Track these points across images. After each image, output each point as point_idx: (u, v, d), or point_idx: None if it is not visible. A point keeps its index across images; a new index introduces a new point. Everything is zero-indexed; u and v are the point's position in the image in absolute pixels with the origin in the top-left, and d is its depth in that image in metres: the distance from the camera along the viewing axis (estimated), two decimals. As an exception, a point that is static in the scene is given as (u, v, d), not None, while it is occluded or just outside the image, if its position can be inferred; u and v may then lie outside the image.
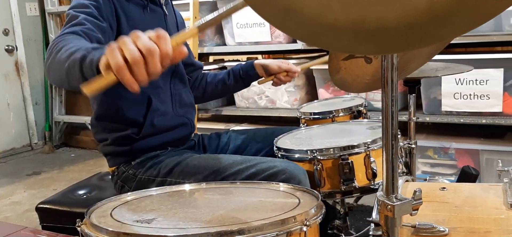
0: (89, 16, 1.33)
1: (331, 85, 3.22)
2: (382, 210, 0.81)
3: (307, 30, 0.72)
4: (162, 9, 1.62)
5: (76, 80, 1.05)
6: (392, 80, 0.77)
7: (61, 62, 1.10)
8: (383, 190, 0.82)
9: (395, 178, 0.80)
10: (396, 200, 0.80)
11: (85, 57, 1.02)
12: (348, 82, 1.11)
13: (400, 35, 0.67)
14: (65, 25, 1.31)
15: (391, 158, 0.80)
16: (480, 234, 1.04)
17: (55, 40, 1.22)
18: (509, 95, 2.68)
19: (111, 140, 1.54)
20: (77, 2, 1.39)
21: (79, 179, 3.73)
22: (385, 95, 0.78)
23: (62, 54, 1.11)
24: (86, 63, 1.02)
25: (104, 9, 1.39)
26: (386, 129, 0.79)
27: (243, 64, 1.85)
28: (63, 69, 1.09)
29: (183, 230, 0.85)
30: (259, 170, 1.35)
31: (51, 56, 1.17)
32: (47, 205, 1.72)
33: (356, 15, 0.68)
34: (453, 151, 2.88)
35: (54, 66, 1.14)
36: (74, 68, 1.04)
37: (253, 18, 3.35)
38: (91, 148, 4.64)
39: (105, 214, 0.99)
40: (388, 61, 0.77)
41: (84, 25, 1.29)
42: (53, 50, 1.18)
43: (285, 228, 0.86)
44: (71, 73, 1.06)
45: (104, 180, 1.98)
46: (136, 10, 1.50)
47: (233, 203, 1.02)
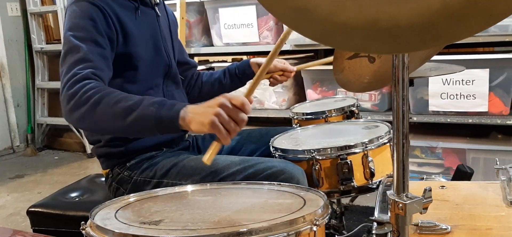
0: (91, 46, 1.34)
1: (319, 86, 3.24)
2: (393, 209, 0.82)
3: (319, 29, 0.72)
4: (154, 10, 1.60)
5: (143, 133, 1.32)
6: (403, 79, 0.78)
7: (111, 116, 1.22)
8: (394, 189, 0.82)
9: (406, 176, 0.81)
10: (407, 199, 0.81)
11: (159, 114, 1.19)
12: (350, 82, 1.12)
13: (413, 34, 0.67)
14: (69, 55, 1.32)
15: (402, 157, 0.80)
16: (482, 231, 1.06)
17: (76, 86, 1.25)
18: (495, 95, 2.73)
19: (104, 141, 1.52)
20: (73, 22, 1.37)
21: (64, 181, 3.71)
22: (396, 94, 0.79)
23: (107, 107, 1.22)
24: (163, 120, 1.19)
25: (100, 24, 1.38)
26: (397, 128, 0.80)
27: (239, 63, 1.84)
28: (118, 124, 1.22)
29: (194, 232, 0.84)
30: (257, 170, 1.34)
31: (83, 106, 1.23)
32: (38, 209, 1.68)
33: (369, 14, 0.69)
34: (440, 150, 2.92)
35: (97, 118, 1.23)
36: (143, 123, 1.20)
37: (240, 18, 3.35)
38: (75, 150, 4.58)
39: (109, 216, 0.97)
40: (399, 60, 0.78)
41: (92, 61, 1.31)
42: (81, 98, 1.23)
43: (295, 228, 0.86)
44: (137, 128, 1.22)
45: (95, 182, 1.95)
46: (127, 14, 1.48)
47: (239, 204, 1.02)
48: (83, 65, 1.30)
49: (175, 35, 1.72)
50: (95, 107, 1.22)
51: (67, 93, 1.27)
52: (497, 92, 2.72)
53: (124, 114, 1.20)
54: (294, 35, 3.18)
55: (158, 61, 1.56)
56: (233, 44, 3.44)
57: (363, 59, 1.01)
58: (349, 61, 1.01)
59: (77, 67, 1.29)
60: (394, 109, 0.80)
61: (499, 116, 2.72)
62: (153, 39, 1.55)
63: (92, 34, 1.35)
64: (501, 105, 2.73)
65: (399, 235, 0.82)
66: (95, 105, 1.22)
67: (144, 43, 1.51)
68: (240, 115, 1.15)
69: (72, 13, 1.38)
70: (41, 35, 4.62)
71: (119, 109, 1.21)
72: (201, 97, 1.87)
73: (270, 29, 3.28)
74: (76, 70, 1.29)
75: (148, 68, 1.52)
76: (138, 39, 1.48)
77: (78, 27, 1.35)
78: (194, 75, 1.87)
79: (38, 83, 4.67)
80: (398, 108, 0.79)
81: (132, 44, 1.46)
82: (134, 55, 1.47)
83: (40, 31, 4.61)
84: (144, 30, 1.52)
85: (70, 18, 1.38)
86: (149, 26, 1.56)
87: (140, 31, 1.50)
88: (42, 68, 4.68)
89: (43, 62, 4.68)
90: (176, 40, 1.73)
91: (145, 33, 1.52)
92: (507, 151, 2.73)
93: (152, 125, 1.19)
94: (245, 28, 3.34)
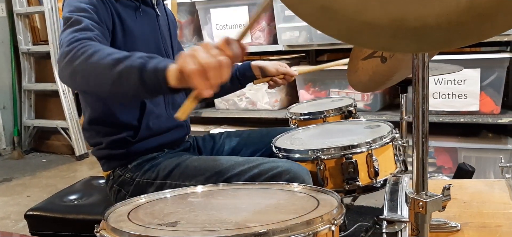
0: (93, 22, 1.31)
1: (312, 86, 3.25)
2: (412, 207, 0.82)
3: (345, 28, 0.72)
4: (154, 10, 1.59)
5: (129, 87, 1.10)
6: (423, 78, 0.78)
7: (101, 67, 1.12)
8: (413, 187, 0.83)
9: (425, 175, 0.81)
10: (427, 197, 0.81)
11: (144, 65, 1.06)
12: (362, 82, 1.12)
13: (441, 33, 0.67)
14: (70, 28, 1.27)
15: (422, 156, 0.81)
16: (491, 228, 1.07)
17: (74, 43, 1.19)
18: (486, 95, 2.77)
19: (105, 143, 1.50)
20: (74, 5, 1.35)
21: (53, 184, 3.66)
22: (416, 94, 0.79)
23: (99, 59, 1.12)
24: (147, 71, 1.06)
25: (101, 12, 1.36)
26: (417, 127, 0.80)
27: (239, 65, 1.83)
28: (106, 74, 1.11)
29: (214, 233, 0.83)
30: (262, 170, 1.34)
31: (77, 59, 1.15)
32: (36, 212, 1.65)
33: (395, 13, 0.69)
34: (432, 149, 2.95)
35: (88, 71, 1.14)
36: (129, 75, 1.07)
37: (232, 19, 3.35)
38: (63, 153, 4.52)
39: (122, 218, 0.96)
40: (419, 59, 0.78)
41: (93, 31, 1.27)
42: (76, 53, 1.16)
43: (315, 228, 0.85)
44: (123, 80, 1.09)
45: (92, 185, 1.92)
46: (128, 12, 1.47)
47: (252, 205, 1.01)
48: (85, 32, 1.25)
49: (174, 35, 1.71)
50: (87, 60, 1.14)
51: (64, 51, 1.19)
52: (488, 91, 2.76)
53: (112, 65, 1.10)
54: (286, 36, 3.20)
55: None
56: (225, 45, 3.42)
57: (375, 59, 1.01)
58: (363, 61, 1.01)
59: (79, 32, 1.24)
60: (414, 108, 0.80)
61: (490, 115, 2.76)
62: (153, 38, 1.54)
63: (92, 15, 1.33)
64: (492, 104, 2.77)
65: (418, 233, 0.82)
66: (87, 58, 1.14)
67: (144, 42, 1.49)
68: (221, 58, 0.97)
69: (71, 3, 1.36)
70: (28, 36, 4.55)
71: (109, 60, 1.11)
72: None
73: (262, 29, 3.28)
74: (77, 34, 1.23)
75: None
76: (139, 38, 1.47)
77: (79, 9, 1.33)
78: None
79: (25, 84, 4.60)
80: (418, 107, 0.79)
81: (132, 42, 1.45)
82: None
83: (26, 32, 4.54)
84: (145, 29, 1.51)
85: (70, 3, 1.35)
86: (150, 26, 1.55)
87: (141, 30, 1.49)
88: (29, 70, 4.61)
89: (30, 63, 4.61)
90: (175, 40, 1.72)
91: (145, 32, 1.51)
92: (498, 150, 2.77)
93: (138, 76, 1.07)
94: (237, 28, 3.33)
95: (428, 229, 0.83)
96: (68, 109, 4.31)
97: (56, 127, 4.43)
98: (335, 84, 3.14)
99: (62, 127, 4.39)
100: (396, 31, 0.69)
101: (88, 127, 1.54)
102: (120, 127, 1.47)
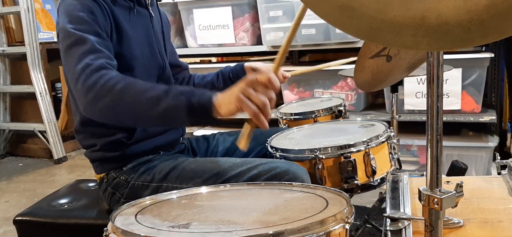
0: (96, 37, 1.30)
1: (296, 86, 3.26)
2: (426, 204, 0.83)
3: (366, 27, 0.72)
4: (148, 11, 1.57)
5: (175, 123, 1.32)
6: (438, 76, 0.79)
7: (139, 106, 1.18)
8: (427, 185, 0.84)
9: (439, 172, 0.82)
10: (441, 193, 0.82)
11: (190, 102, 1.15)
12: (366, 81, 1.13)
13: (462, 31, 0.68)
14: (76, 47, 1.27)
15: (436, 153, 0.82)
16: (493, 224, 1.09)
17: (93, 77, 1.21)
18: (467, 94, 2.83)
19: (100, 145, 1.47)
20: (72, 15, 1.32)
21: (32, 189, 3.58)
22: (431, 92, 0.80)
23: (134, 97, 1.18)
24: (195, 108, 1.15)
25: (99, 19, 1.35)
26: (431, 125, 0.81)
27: (232, 66, 1.82)
28: (148, 114, 1.18)
29: (230, 234, 0.83)
30: (261, 171, 1.33)
31: (105, 96, 1.19)
32: (26, 217, 1.61)
33: (416, 11, 0.70)
34: (416, 148, 3.00)
35: (124, 110, 1.21)
36: (176, 114, 1.16)
37: (216, 20, 3.33)
38: (40, 156, 4.41)
39: (130, 221, 0.94)
40: (434, 57, 0.79)
41: (101, 52, 1.27)
42: (101, 89, 1.19)
43: (329, 227, 0.86)
44: (168, 119, 1.20)
45: (80, 188, 1.88)
46: (123, 13, 1.44)
47: (261, 205, 1.01)
48: (94, 55, 1.25)
49: (167, 37, 1.69)
50: (118, 97, 1.19)
51: (85, 85, 1.21)
52: (469, 90, 2.82)
53: (151, 105, 1.17)
54: (271, 36, 3.20)
55: (152, 63, 1.53)
56: (208, 45, 3.41)
57: (381, 58, 1.02)
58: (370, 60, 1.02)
59: (88, 57, 1.24)
60: (428, 106, 0.81)
61: (472, 114, 2.81)
62: (147, 39, 1.52)
63: (93, 26, 1.31)
64: (473, 103, 2.83)
65: (433, 229, 0.83)
66: (118, 95, 1.19)
67: (138, 43, 1.47)
68: (268, 92, 1.13)
69: (69, 6, 1.33)
70: (2, 37, 4.43)
71: (145, 100, 1.17)
72: None
73: (246, 30, 3.28)
74: (88, 60, 1.23)
75: (142, 69, 1.48)
76: (133, 39, 1.45)
77: (78, 19, 1.31)
78: (186, 77, 1.83)
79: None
80: (433, 105, 0.80)
81: (126, 44, 1.43)
82: (129, 56, 1.43)
83: (1, 33, 4.42)
84: (138, 30, 1.49)
85: (68, 11, 1.33)
86: (143, 27, 1.52)
87: (135, 31, 1.47)
88: (4, 72, 4.49)
89: (5, 65, 4.50)
90: (168, 41, 1.70)
91: (139, 33, 1.49)
92: (478, 147, 2.84)
93: (184, 113, 1.15)
94: (221, 29, 3.32)
95: (441, 225, 0.84)
96: (45, 112, 4.21)
97: (33, 130, 4.32)
98: (319, 85, 3.16)
99: (39, 130, 4.29)
100: (417, 30, 0.70)
101: (81, 128, 1.50)
102: (115, 128, 1.45)
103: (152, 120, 1.21)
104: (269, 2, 3.13)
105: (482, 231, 1.06)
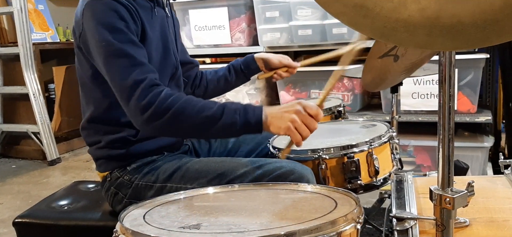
0: (134, 48, 1.32)
1: (292, 87, 3.27)
2: (438, 203, 0.83)
3: (380, 26, 0.72)
4: (164, 11, 1.57)
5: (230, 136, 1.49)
6: (450, 76, 0.80)
7: (197, 125, 1.28)
8: (439, 184, 0.84)
9: (451, 172, 0.82)
10: (453, 193, 0.82)
11: (246, 120, 1.27)
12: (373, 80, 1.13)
13: (477, 31, 0.69)
14: (114, 58, 1.29)
15: (448, 153, 0.82)
16: (500, 223, 1.10)
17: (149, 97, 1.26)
18: (463, 94, 2.85)
19: (105, 142, 1.46)
20: (106, 23, 1.31)
21: (26, 191, 3.54)
22: (443, 92, 0.80)
23: (191, 117, 1.27)
24: (249, 126, 1.27)
25: (132, 26, 1.35)
26: (443, 124, 0.81)
27: (243, 59, 1.84)
28: (206, 131, 1.30)
29: (243, 234, 0.82)
30: (266, 171, 1.33)
31: (162, 116, 1.26)
32: (26, 219, 1.59)
33: (431, 11, 0.70)
34: (412, 148, 3.01)
35: (182, 129, 1.30)
36: (231, 129, 1.27)
37: (212, 20, 3.32)
38: (34, 158, 4.37)
39: (139, 222, 0.93)
40: (446, 57, 0.79)
41: (144, 65, 1.31)
42: (157, 109, 1.25)
43: (341, 227, 0.86)
44: (224, 134, 1.37)
45: (79, 190, 1.87)
46: (146, 15, 1.43)
47: (270, 205, 1.01)
48: (138, 70, 1.29)
49: (178, 36, 1.69)
50: (176, 118, 1.26)
51: (139, 103, 1.26)
52: (465, 91, 2.84)
53: (209, 124, 1.27)
54: (267, 37, 3.20)
55: (167, 63, 1.52)
56: (204, 46, 3.40)
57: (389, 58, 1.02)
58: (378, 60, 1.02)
59: (134, 72, 1.28)
60: (440, 106, 0.81)
61: (468, 114, 2.83)
62: (162, 40, 1.51)
63: (127, 35, 1.32)
64: (468, 104, 2.85)
65: (444, 229, 0.84)
66: (176, 116, 1.26)
67: (156, 44, 1.46)
68: (312, 123, 1.26)
69: (99, 12, 1.32)
70: (-6, 37, 4.39)
71: (202, 119, 1.26)
72: (207, 95, 1.84)
73: (242, 31, 3.27)
74: (135, 77, 1.28)
75: (158, 69, 1.47)
76: (152, 39, 1.44)
77: (112, 27, 1.30)
78: (198, 74, 1.84)
79: (-8, 88, 4.44)
80: (445, 105, 0.80)
81: (148, 44, 1.42)
82: (148, 57, 1.43)
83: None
84: (157, 31, 1.48)
85: (98, 17, 1.31)
86: (161, 27, 1.51)
87: (154, 32, 1.46)
88: (-4, 72, 4.45)
89: (-3, 65, 4.46)
90: (179, 41, 1.70)
91: (157, 34, 1.48)
92: (474, 148, 2.86)
93: (237, 130, 1.27)
94: (217, 29, 3.32)
95: (453, 224, 0.85)
96: (39, 113, 4.18)
97: (26, 132, 4.28)
98: (315, 85, 3.17)
99: (32, 132, 4.25)
100: (431, 29, 0.70)
101: (87, 125, 1.49)
102: (122, 125, 1.44)
103: (208, 136, 1.41)
104: (266, 2, 3.13)
105: (489, 231, 1.07)
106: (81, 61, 1.43)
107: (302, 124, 1.25)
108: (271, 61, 1.81)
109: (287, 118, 1.25)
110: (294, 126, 1.25)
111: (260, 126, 1.27)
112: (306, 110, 1.26)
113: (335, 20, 3.06)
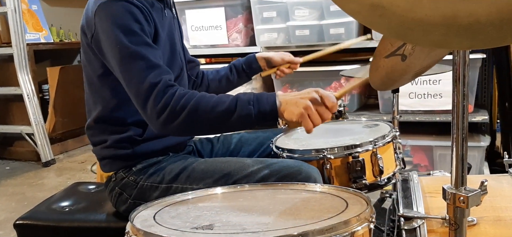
0: (149, 50, 1.31)
1: (289, 87, 3.26)
2: (452, 202, 0.84)
3: (396, 26, 0.72)
4: (172, 12, 1.56)
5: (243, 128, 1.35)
6: (464, 76, 0.80)
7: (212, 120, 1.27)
8: (452, 183, 0.84)
9: (464, 171, 0.83)
10: (467, 192, 0.83)
11: (260, 110, 1.26)
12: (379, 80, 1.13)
13: (494, 30, 0.69)
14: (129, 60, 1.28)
15: (462, 152, 0.82)
16: (507, 221, 1.10)
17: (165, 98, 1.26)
18: (460, 94, 2.86)
19: (111, 141, 1.45)
20: (121, 24, 1.30)
21: (21, 193, 3.51)
22: (457, 92, 0.81)
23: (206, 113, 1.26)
24: (263, 114, 1.26)
25: (146, 29, 1.34)
26: (457, 124, 0.81)
27: (244, 59, 1.84)
28: (221, 125, 1.30)
29: (257, 235, 0.82)
30: (273, 171, 1.33)
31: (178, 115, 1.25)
32: (27, 221, 1.58)
33: (447, 10, 0.70)
34: (409, 148, 3.02)
35: (198, 126, 1.29)
36: (247, 120, 1.26)
37: (208, 20, 3.31)
38: (28, 159, 4.34)
39: (150, 223, 0.93)
40: (460, 57, 0.80)
41: (159, 67, 1.30)
42: (173, 109, 1.25)
43: (354, 227, 0.86)
44: (238, 127, 1.32)
45: (79, 191, 1.85)
46: (157, 15, 1.43)
47: (280, 205, 1.00)
48: (154, 72, 1.28)
49: (182, 37, 1.69)
50: (192, 116, 1.26)
51: (156, 107, 1.25)
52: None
53: (224, 118, 1.26)
54: (265, 37, 3.20)
55: (174, 64, 1.52)
56: (201, 46, 3.39)
57: (396, 57, 1.02)
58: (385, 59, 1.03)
59: (149, 75, 1.27)
60: (454, 106, 0.81)
61: (464, 114, 2.84)
62: (170, 41, 1.51)
63: (142, 37, 1.31)
64: (465, 103, 2.86)
65: (458, 228, 0.84)
66: (191, 114, 1.26)
67: (165, 45, 1.46)
68: (326, 113, 1.25)
69: (114, 13, 1.30)
70: (-12, 38, 4.35)
71: (217, 114, 1.26)
72: None
73: (239, 31, 3.27)
74: (151, 79, 1.27)
75: None
76: (162, 40, 1.43)
77: (128, 30, 1.29)
78: (199, 73, 1.83)
79: (-15, 89, 4.40)
80: (458, 104, 0.81)
81: (159, 45, 1.41)
82: None
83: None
84: (165, 32, 1.48)
85: (113, 19, 1.30)
86: (169, 28, 1.51)
87: (163, 33, 1.45)
88: (-11, 73, 4.41)
89: (-10, 66, 4.42)
90: (182, 41, 1.69)
91: (165, 35, 1.47)
92: (471, 147, 2.87)
93: (253, 121, 1.26)
94: (214, 30, 3.31)
95: (466, 223, 0.85)
96: (33, 114, 4.15)
97: (20, 133, 4.25)
98: (313, 86, 3.14)
99: (26, 133, 4.21)
100: (448, 28, 0.70)
101: (94, 125, 1.48)
102: (128, 125, 1.44)
103: (225, 130, 1.39)
104: (263, 3, 3.13)
105: (497, 229, 1.08)
106: (90, 60, 1.42)
107: (315, 113, 1.24)
108: (273, 59, 1.82)
109: (302, 104, 1.23)
110: (307, 113, 1.23)
111: (275, 113, 1.26)
112: (323, 99, 1.25)
113: (332, 20, 3.07)
